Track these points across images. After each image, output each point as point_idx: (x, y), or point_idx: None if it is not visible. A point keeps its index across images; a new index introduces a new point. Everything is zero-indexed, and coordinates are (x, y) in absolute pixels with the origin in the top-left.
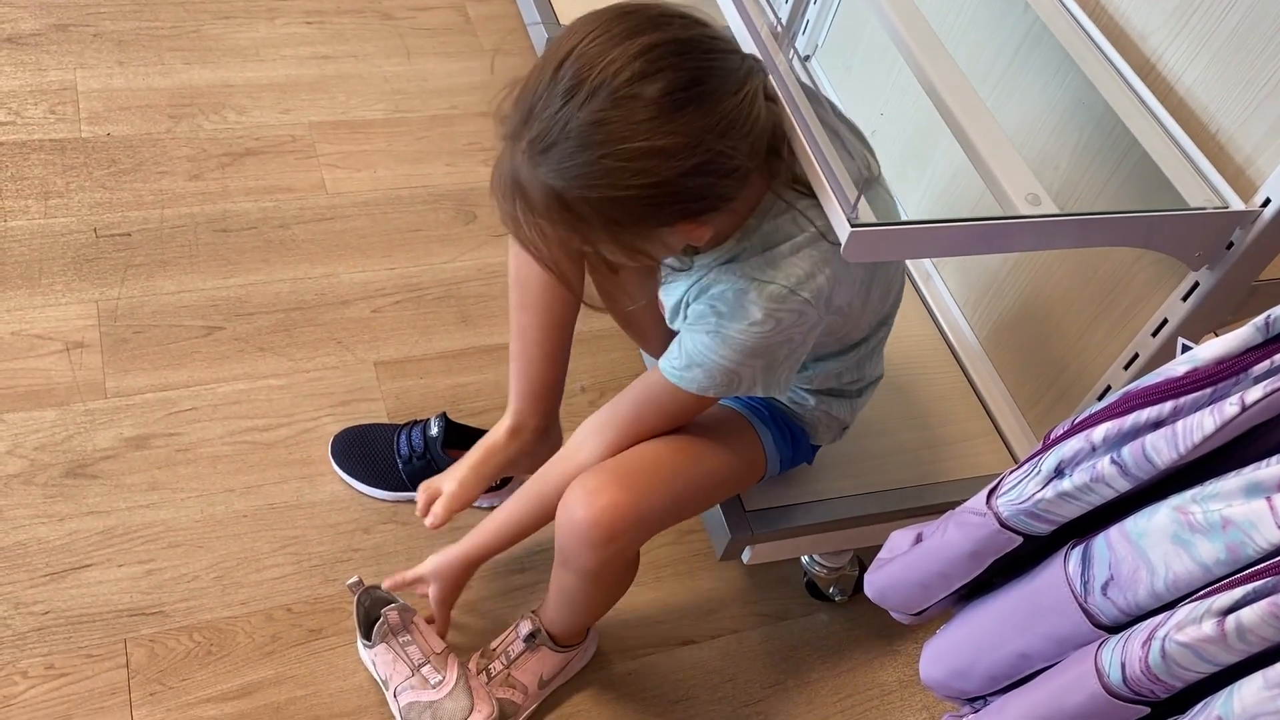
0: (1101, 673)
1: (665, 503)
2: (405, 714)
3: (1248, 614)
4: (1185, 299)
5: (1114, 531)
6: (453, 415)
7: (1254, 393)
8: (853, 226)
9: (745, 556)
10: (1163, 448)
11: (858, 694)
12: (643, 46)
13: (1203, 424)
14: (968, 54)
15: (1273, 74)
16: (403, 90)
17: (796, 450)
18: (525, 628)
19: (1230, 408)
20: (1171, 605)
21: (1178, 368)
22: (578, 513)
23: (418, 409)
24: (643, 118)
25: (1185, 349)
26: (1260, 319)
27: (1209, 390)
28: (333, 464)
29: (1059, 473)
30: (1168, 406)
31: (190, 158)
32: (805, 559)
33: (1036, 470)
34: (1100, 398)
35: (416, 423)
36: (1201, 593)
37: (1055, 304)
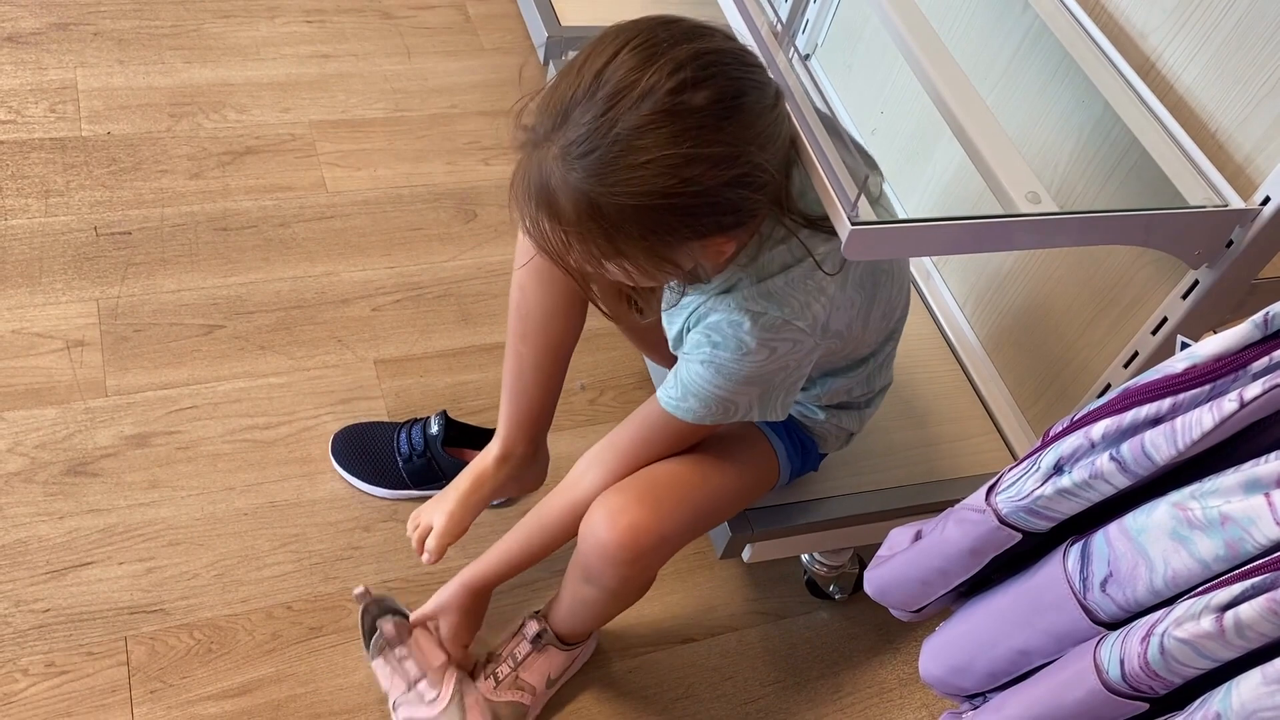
0: (1100, 669)
1: (687, 519)
2: None
3: (1246, 610)
4: (1185, 297)
5: (1113, 528)
6: (453, 413)
7: (1253, 389)
8: (852, 224)
9: (745, 555)
10: (1162, 444)
11: (858, 691)
12: (690, 54)
13: (1201, 420)
14: (968, 53)
15: (1272, 72)
16: (403, 89)
17: (806, 460)
18: (532, 629)
19: (1229, 404)
20: (1170, 602)
21: (1176, 364)
22: (602, 533)
23: (418, 407)
24: (691, 125)
25: (1184, 346)
26: (1259, 316)
27: (1208, 387)
28: (333, 462)
29: (1058, 469)
30: (1166, 403)
31: (190, 156)
32: (805, 557)
33: (1035, 467)
34: (1100, 395)
35: (416, 421)
36: (1200, 589)
37: (1055, 302)
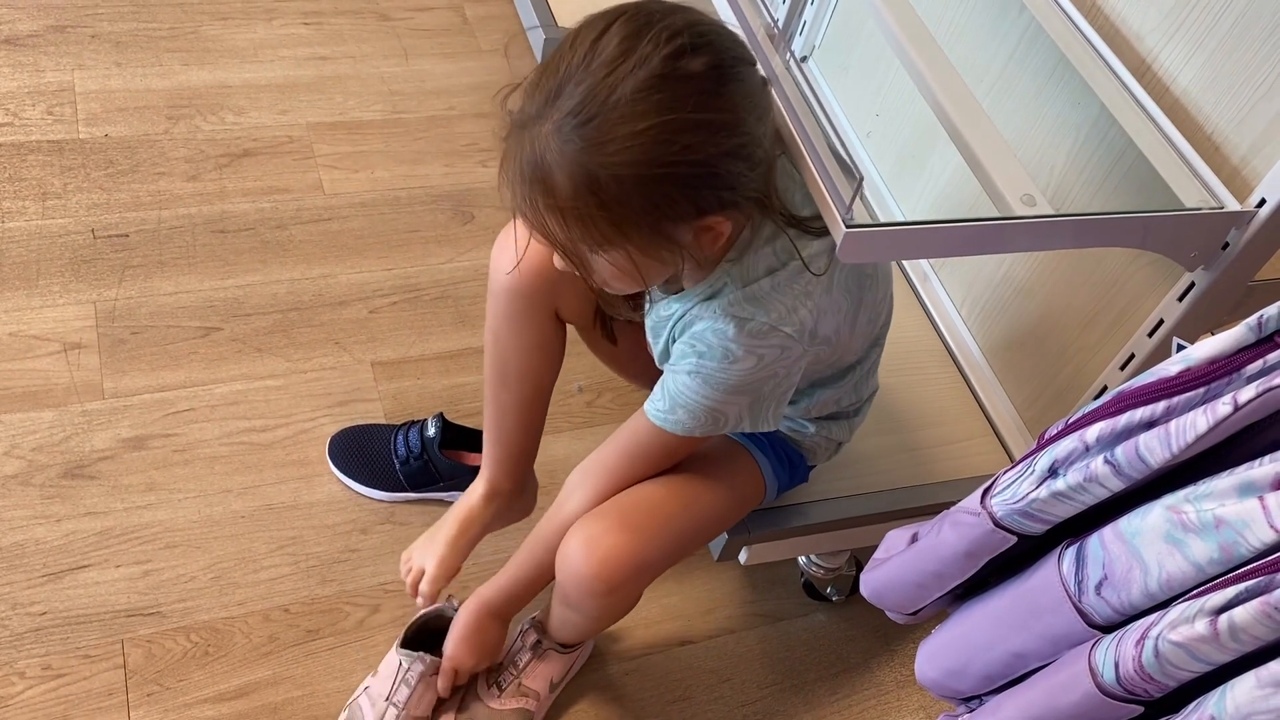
0: (1095, 672)
1: (667, 545)
2: (350, 709)
3: (1240, 613)
4: (1181, 299)
5: (1108, 531)
6: (450, 416)
7: (1247, 392)
8: (847, 227)
9: (742, 557)
10: (1156, 447)
11: (855, 694)
12: (685, 23)
13: (1195, 423)
14: (964, 55)
15: (1267, 74)
16: (400, 91)
17: (794, 475)
18: (531, 637)
19: (1223, 407)
20: (1165, 605)
21: (1171, 367)
22: (578, 563)
23: (415, 409)
24: (690, 90)
25: (1180, 348)
26: (1253, 319)
27: (1202, 390)
28: (330, 465)
29: (1053, 472)
30: (1161, 406)
31: (188, 159)
32: (802, 559)
33: (1030, 470)
34: (1097, 398)
35: (414, 423)
36: (1194, 592)
37: (1052, 304)
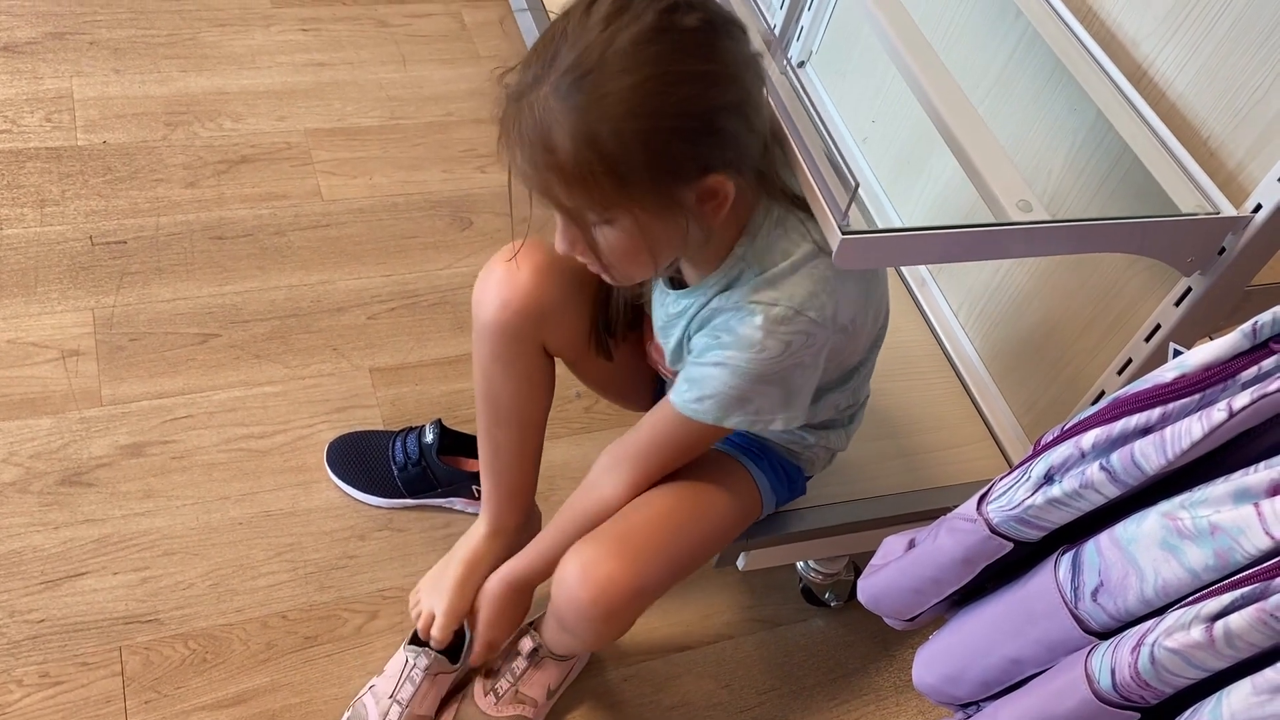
0: (1092, 679)
1: (664, 569)
2: (354, 708)
3: (1236, 620)
4: (1178, 304)
5: (1104, 537)
6: (448, 422)
7: (1241, 399)
8: (844, 234)
9: (740, 563)
10: (1151, 454)
11: (853, 699)
12: None
13: (1191, 430)
14: (960, 61)
15: (1263, 80)
16: (398, 97)
17: (792, 489)
18: (527, 644)
19: (1218, 414)
20: (1161, 611)
21: (1166, 374)
22: (576, 589)
23: (413, 416)
24: (687, 42)
25: (1177, 354)
26: (1247, 325)
27: (1197, 396)
28: (328, 471)
29: (1049, 479)
30: (1156, 413)
31: (186, 165)
32: (800, 565)
33: (1026, 476)
34: (1094, 403)
35: (412, 429)
36: (1190, 599)
37: (1049, 309)
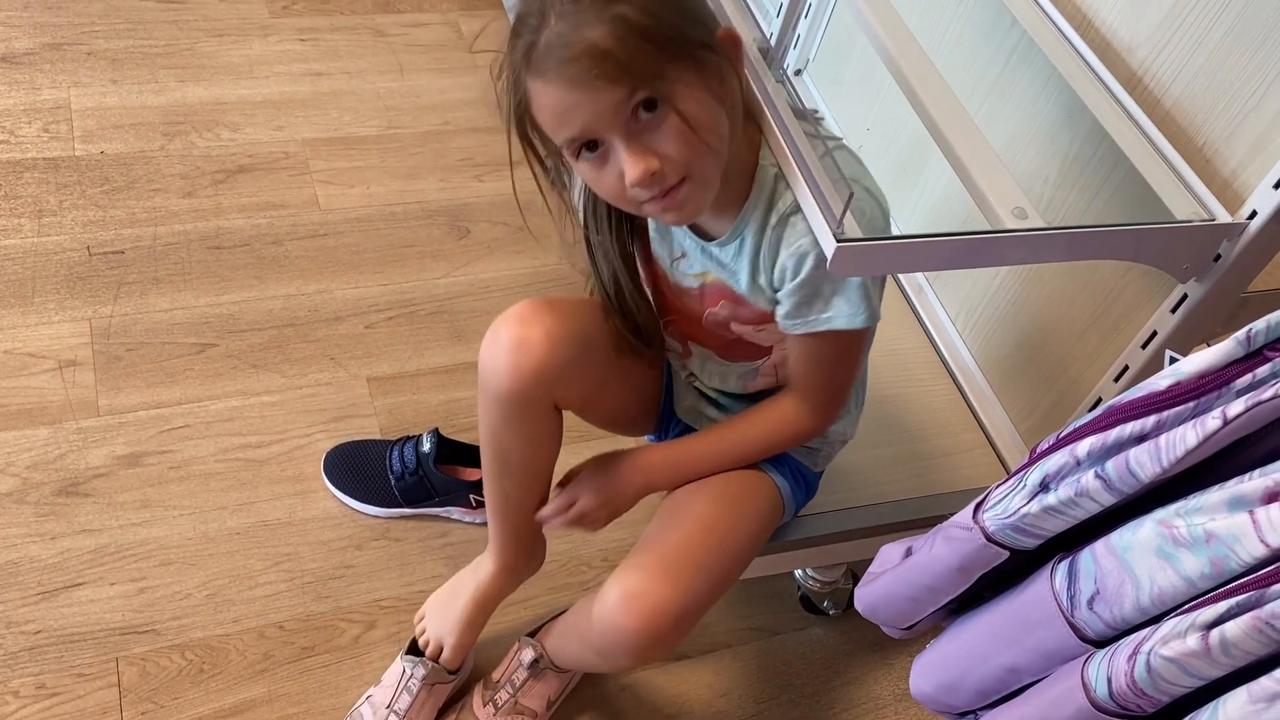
0: (1088, 687)
1: (707, 586)
2: (351, 718)
3: (1231, 628)
4: (1174, 311)
5: (1099, 546)
6: (445, 431)
7: (1235, 406)
8: (838, 241)
9: None
10: (1146, 462)
11: (852, 708)
12: None
13: (1185, 438)
14: (956, 69)
15: (1258, 87)
16: (396, 106)
17: (808, 491)
18: (528, 655)
19: (1212, 421)
20: (1157, 619)
21: (1160, 382)
22: (620, 620)
23: (410, 425)
24: None
25: (1173, 361)
26: (1241, 333)
27: (1191, 404)
28: (325, 480)
29: (1044, 487)
30: (1150, 420)
31: (184, 175)
32: (799, 573)
33: (1022, 485)
34: (1091, 410)
35: (409, 438)
36: (1186, 607)
37: (1047, 316)
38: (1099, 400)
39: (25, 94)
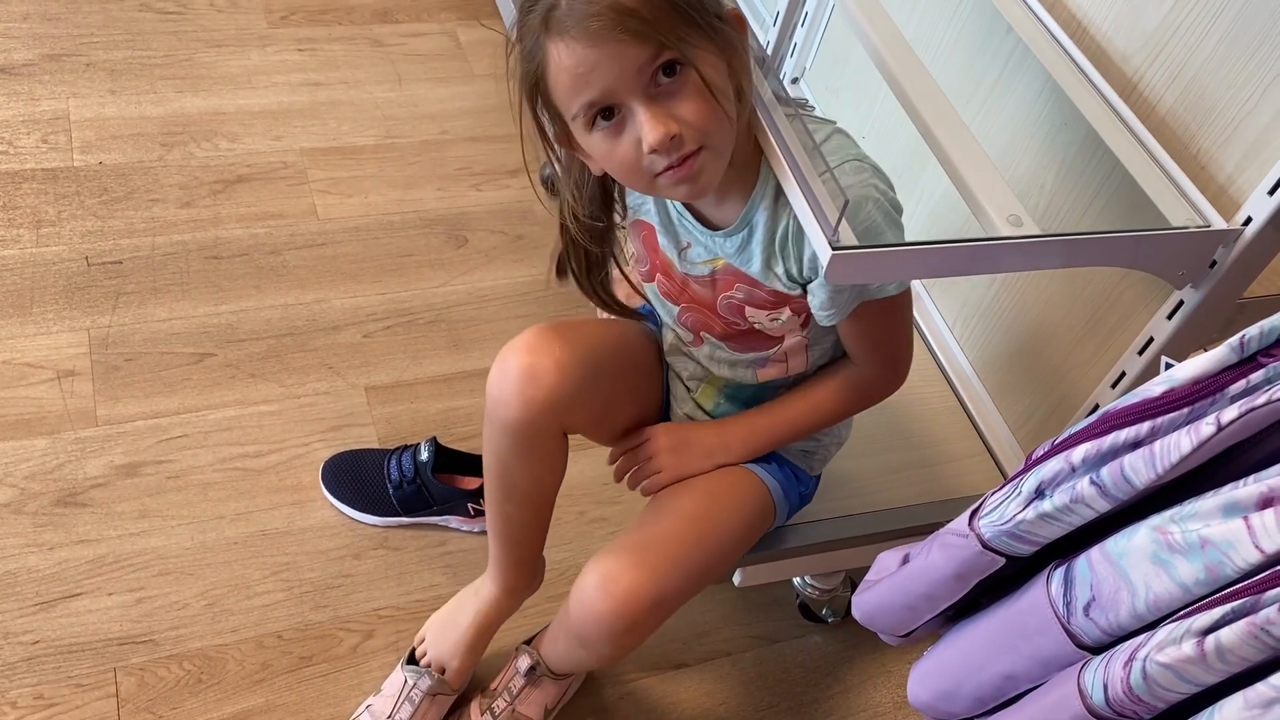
0: (1084, 694)
1: (684, 579)
2: None
3: (1227, 634)
4: (1170, 317)
5: (1095, 552)
6: (443, 440)
7: (1229, 412)
8: (834, 249)
9: (737, 579)
10: (1141, 468)
11: (851, 715)
12: None
13: (1180, 444)
14: (951, 77)
15: (1252, 93)
16: (394, 116)
17: (802, 495)
18: (524, 663)
19: (1207, 428)
20: (1153, 626)
21: (1155, 388)
22: (596, 602)
23: (408, 434)
24: None
25: (1169, 367)
26: (1235, 339)
27: (1186, 410)
28: (323, 490)
29: (1039, 494)
30: (1145, 427)
31: (182, 185)
32: (797, 581)
33: (1017, 491)
34: (1088, 416)
35: (407, 448)
36: (1181, 613)
37: (1043, 323)
38: (1096, 406)
39: (24, 105)
